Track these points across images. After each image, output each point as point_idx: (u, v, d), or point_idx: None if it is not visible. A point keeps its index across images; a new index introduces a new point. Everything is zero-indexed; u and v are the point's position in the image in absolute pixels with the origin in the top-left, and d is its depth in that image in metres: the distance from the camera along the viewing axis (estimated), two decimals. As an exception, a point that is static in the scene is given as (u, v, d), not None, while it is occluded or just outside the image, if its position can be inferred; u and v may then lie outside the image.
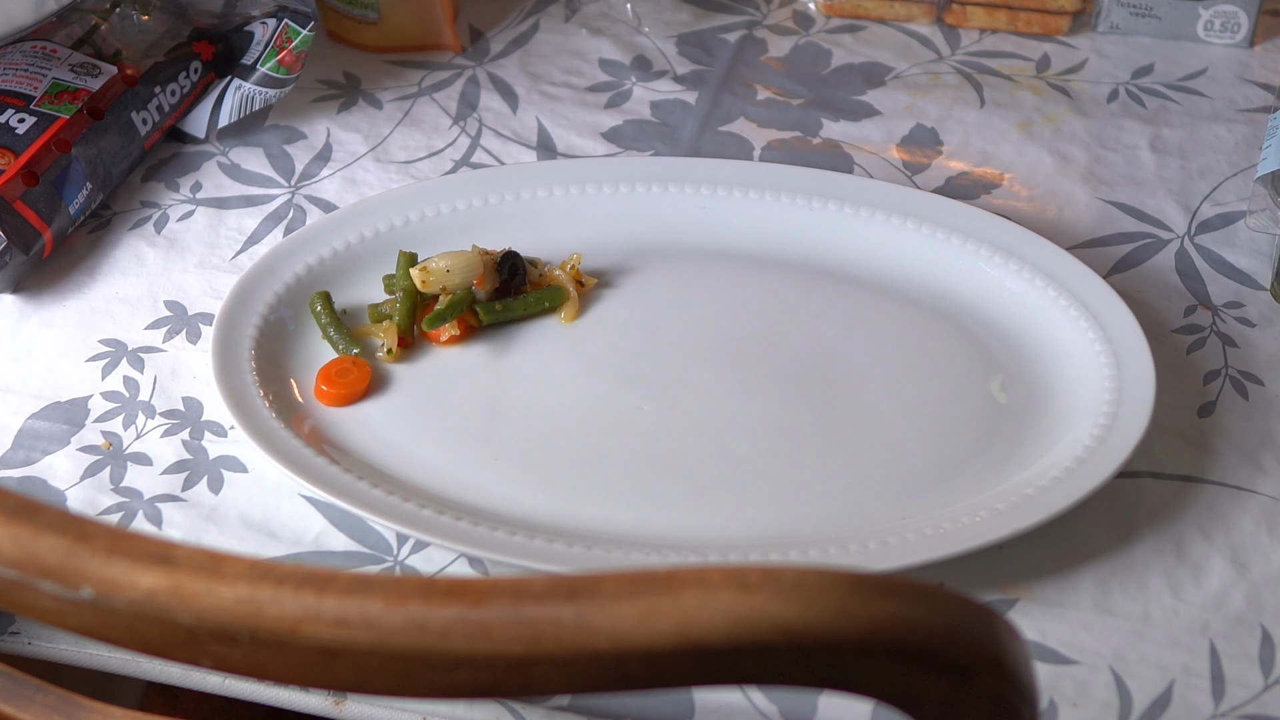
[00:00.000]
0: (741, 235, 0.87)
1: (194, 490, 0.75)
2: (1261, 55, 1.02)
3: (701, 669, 0.41)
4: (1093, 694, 0.66)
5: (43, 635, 0.70)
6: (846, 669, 0.41)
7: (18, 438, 0.78)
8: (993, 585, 0.70)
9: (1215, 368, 0.80)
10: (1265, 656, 0.67)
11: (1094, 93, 0.99)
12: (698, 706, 0.66)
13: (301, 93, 1.00)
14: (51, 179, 0.86)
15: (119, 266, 0.88)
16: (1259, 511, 0.73)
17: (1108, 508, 0.73)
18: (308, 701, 0.68)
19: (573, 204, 0.87)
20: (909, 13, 1.06)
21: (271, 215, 0.91)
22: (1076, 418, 0.75)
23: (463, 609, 0.41)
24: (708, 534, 0.72)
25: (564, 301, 0.83)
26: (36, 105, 0.88)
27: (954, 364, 0.80)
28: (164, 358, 0.82)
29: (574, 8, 1.09)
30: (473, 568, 0.72)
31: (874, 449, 0.76)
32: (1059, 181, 0.92)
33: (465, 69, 1.03)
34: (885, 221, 0.85)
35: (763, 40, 1.05)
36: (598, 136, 0.97)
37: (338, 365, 0.79)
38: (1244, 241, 0.87)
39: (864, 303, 0.83)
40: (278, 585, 0.42)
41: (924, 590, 0.41)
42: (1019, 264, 0.82)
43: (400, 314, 0.81)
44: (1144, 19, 1.03)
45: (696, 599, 0.40)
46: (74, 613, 0.44)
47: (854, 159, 0.94)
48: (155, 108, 0.92)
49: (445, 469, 0.75)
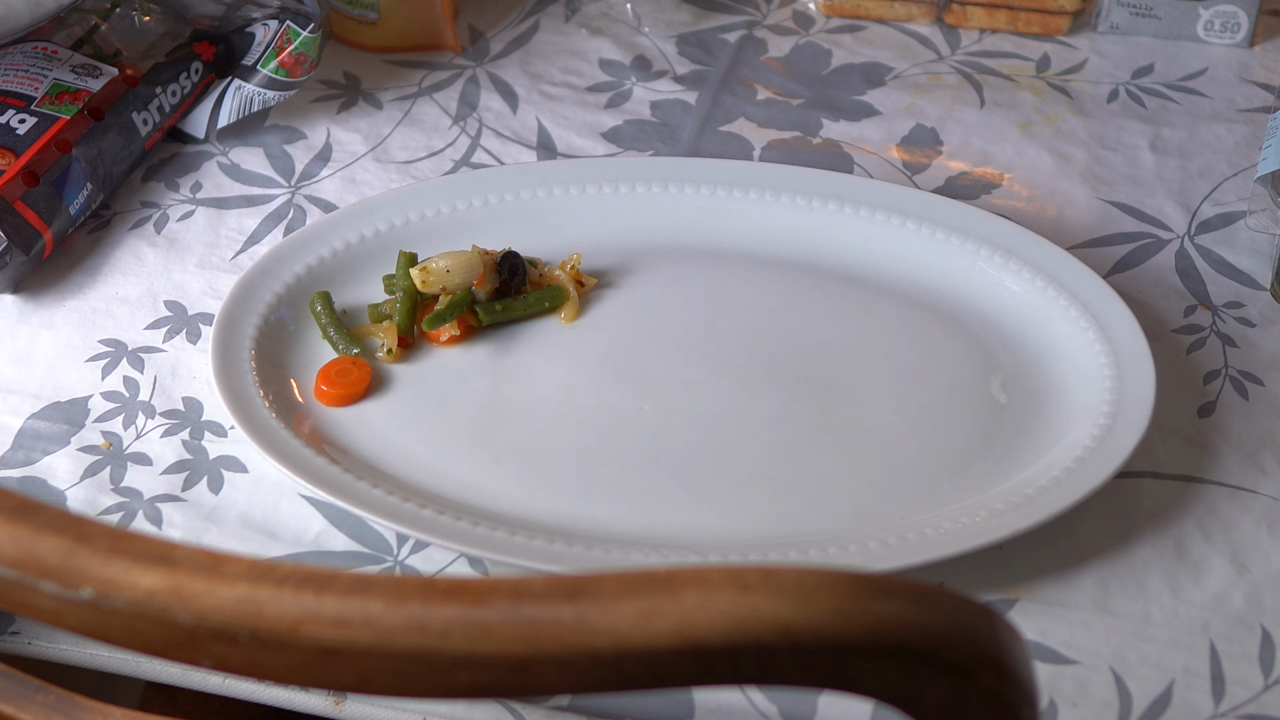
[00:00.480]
0: (741, 235, 0.87)
1: (194, 490, 0.75)
2: (1261, 55, 1.02)
3: (701, 669, 0.41)
4: (1093, 694, 0.66)
5: (43, 635, 0.70)
6: (846, 669, 0.41)
7: (18, 438, 0.78)
8: (993, 585, 0.70)
9: (1215, 368, 0.80)
10: (1265, 656, 0.67)
11: (1094, 93, 0.99)
12: (698, 706, 0.66)
13: (301, 93, 1.00)
14: (52, 179, 0.86)
15: (119, 266, 0.88)
16: (1259, 511, 0.73)
17: (1108, 508, 0.73)
18: (308, 701, 0.68)
19: (573, 204, 0.87)
20: (909, 13, 1.06)
21: (271, 215, 0.91)
22: (1076, 418, 0.75)
23: (463, 609, 0.41)
24: (708, 534, 0.72)
25: (564, 301, 0.83)
26: (37, 106, 0.88)
27: (954, 364, 0.80)
28: (164, 358, 0.82)
29: (574, 8, 1.09)
30: (473, 568, 0.72)
31: (874, 449, 0.76)
32: (1059, 181, 0.92)
33: (465, 69, 1.03)
34: (885, 221, 0.85)
35: (763, 40, 1.05)
36: (598, 136, 0.97)
37: (338, 365, 0.79)
38: (1244, 241, 0.87)
39: (864, 303, 0.83)
40: (278, 585, 0.42)
41: (924, 590, 0.41)
42: (1019, 264, 0.82)
43: (400, 314, 0.81)
44: (1144, 19, 1.03)
45: (696, 599, 0.40)
46: (74, 613, 0.44)
47: (854, 159, 0.94)
48: (156, 108, 0.92)
49: (445, 469, 0.75)
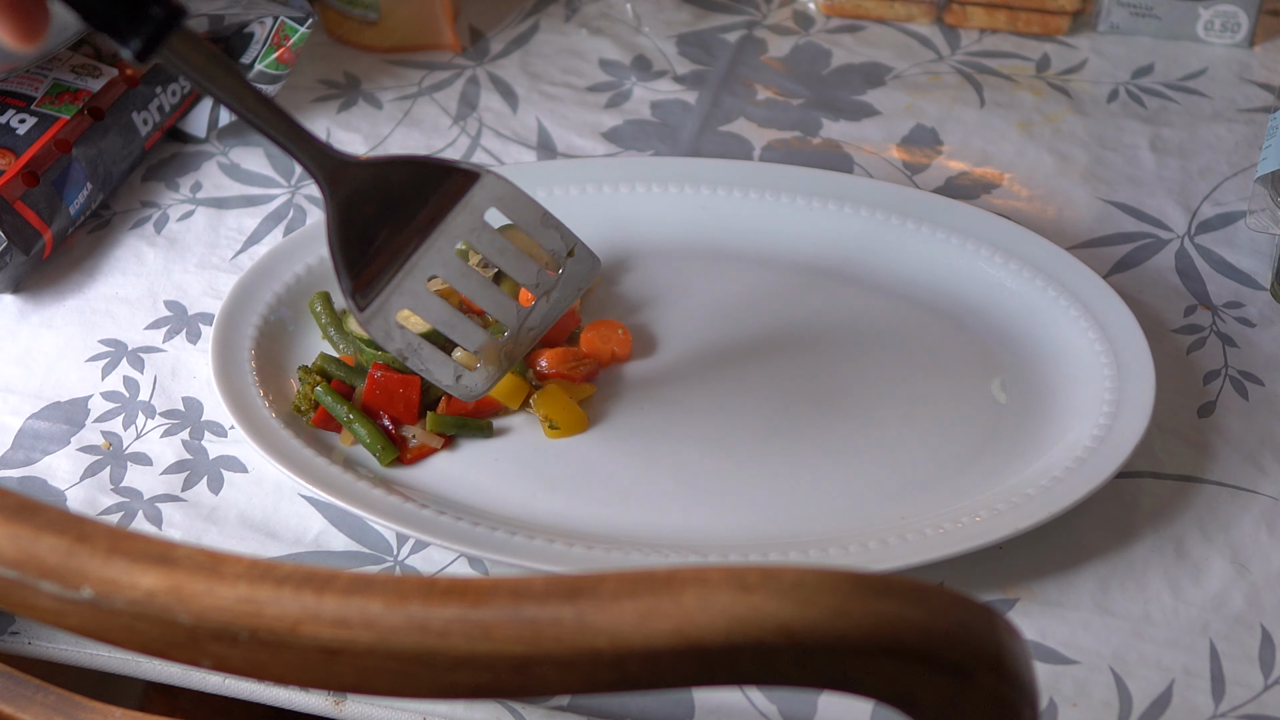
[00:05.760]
0: (741, 235, 0.87)
1: (194, 490, 0.75)
2: (1261, 55, 1.02)
3: (701, 669, 0.41)
4: (1093, 694, 0.66)
5: (43, 635, 0.70)
6: (846, 669, 0.40)
7: (18, 438, 0.78)
8: (993, 585, 0.70)
9: (1215, 368, 0.80)
10: (1265, 656, 0.67)
11: (1094, 93, 0.99)
12: (698, 706, 0.66)
13: (302, 92, 1.00)
14: (52, 179, 0.86)
15: (119, 266, 0.88)
16: (1259, 511, 0.73)
17: (1108, 508, 0.73)
18: (308, 701, 0.68)
19: (573, 204, 0.87)
20: (909, 13, 1.06)
21: (271, 215, 0.91)
22: (1076, 418, 0.75)
23: (463, 609, 0.41)
24: (708, 534, 0.72)
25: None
26: (37, 106, 0.88)
27: (954, 364, 0.80)
28: (164, 358, 0.82)
29: (574, 8, 1.09)
30: (473, 568, 0.72)
31: (874, 449, 0.76)
32: (1059, 181, 0.92)
33: (465, 69, 1.03)
34: (885, 221, 0.85)
35: (763, 40, 1.05)
36: (598, 136, 0.97)
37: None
38: (1244, 241, 0.87)
39: (864, 303, 0.83)
40: (278, 585, 0.42)
41: (924, 590, 0.41)
42: (1019, 264, 0.82)
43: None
44: (1144, 19, 1.03)
45: (696, 599, 0.40)
46: (74, 613, 0.44)
47: (854, 159, 0.94)
48: (156, 108, 0.92)
49: (445, 469, 0.75)
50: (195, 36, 0.59)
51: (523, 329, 0.73)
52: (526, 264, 0.72)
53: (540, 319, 0.74)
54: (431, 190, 0.69)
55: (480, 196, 0.70)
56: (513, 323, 0.73)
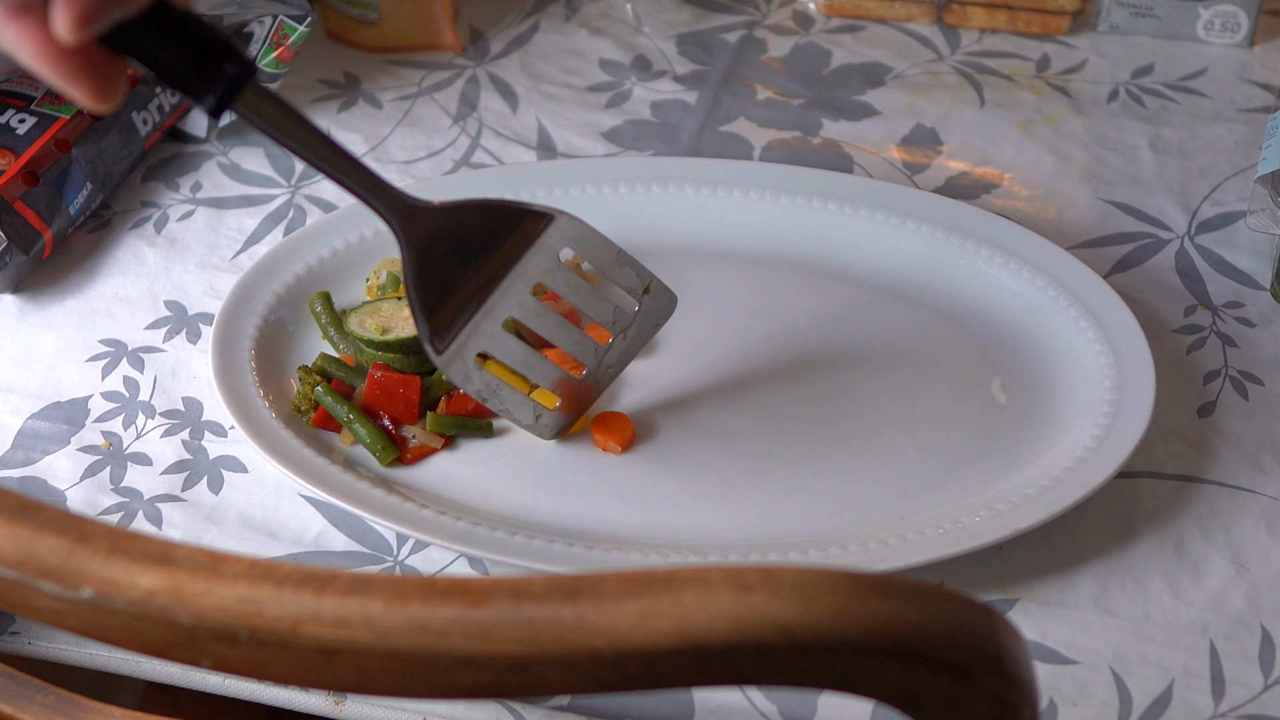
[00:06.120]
0: (741, 235, 0.87)
1: (194, 490, 0.75)
2: (1261, 55, 1.02)
3: (701, 669, 0.41)
4: (1093, 694, 0.66)
5: (43, 635, 0.70)
6: (846, 669, 0.40)
7: (18, 438, 0.78)
8: (993, 585, 0.70)
9: (1215, 368, 0.80)
10: (1265, 656, 0.67)
11: (1094, 93, 0.99)
12: (698, 706, 0.66)
13: (301, 92, 1.00)
14: (52, 179, 0.86)
15: (119, 266, 0.88)
16: (1259, 511, 0.73)
17: (1108, 508, 0.73)
18: (308, 701, 0.68)
19: (573, 204, 0.87)
20: (909, 13, 1.06)
21: (271, 215, 0.91)
22: (1076, 418, 0.75)
23: (463, 609, 0.41)
24: (708, 534, 0.72)
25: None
26: (37, 105, 0.88)
27: (954, 364, 0.80)
28: (164, 358, 0.82)
29: (574, 8, 1.09)
30: (473, 568, 0.72)
31: (874, 449, 0.76)
32: (1059, 181, 0.92)
33: (465, 69, 1.03)
34: (885, 221, 0.85)
35: (763, 40, 1.05)
36: (598, 136, 0.97)
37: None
38: (1244, 241, 0.87)
39: (864, 303, 0.83)
40: (278, 585, 0.42)
41: (924, 590, 0.41)
42: (1019, 264, 0.82)
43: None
44: (1144, 19, 1.03)
45: (696, 599, 0.40)
46: (74, 613, 0.44)
47: (854, 159, 0.94)
48: (155, 108, 0.92)
49: (445, 469, 0.75)
50: (267, 90, 0.60)
51: (601, 367, 0.74)
52: (603, 302, 0.73)
53: (618, 356, 0.75)
54: (505, 233, 0.70)
55: (554, 237, 0.70)
56: (591, 361, 0.74)
